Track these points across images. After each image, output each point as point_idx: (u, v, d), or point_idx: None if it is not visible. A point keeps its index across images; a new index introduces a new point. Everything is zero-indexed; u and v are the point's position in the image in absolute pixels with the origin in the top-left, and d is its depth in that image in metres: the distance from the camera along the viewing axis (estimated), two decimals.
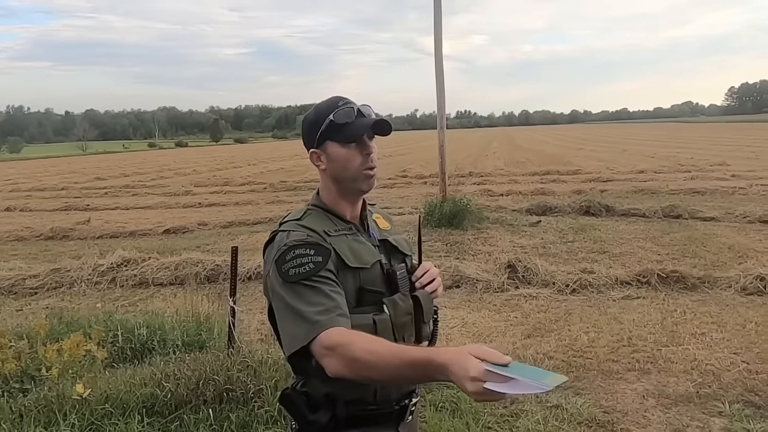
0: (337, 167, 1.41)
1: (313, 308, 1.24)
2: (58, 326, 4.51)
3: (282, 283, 1.29)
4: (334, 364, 1.19)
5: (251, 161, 35.80)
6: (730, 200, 11.69)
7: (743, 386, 3.71)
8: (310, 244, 1.31)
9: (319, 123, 1.41)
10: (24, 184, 23.81)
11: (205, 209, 14.43)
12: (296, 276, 1.27)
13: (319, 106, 1.45)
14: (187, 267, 7.01)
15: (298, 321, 1.25)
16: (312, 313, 1.23)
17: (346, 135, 1.39)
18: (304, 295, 1.26)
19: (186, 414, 3.18)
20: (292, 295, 1.27)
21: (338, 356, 1.19)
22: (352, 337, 1.20)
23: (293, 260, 1.28)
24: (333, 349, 1.20)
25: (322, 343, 1.21)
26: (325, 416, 1.32)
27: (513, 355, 4.32)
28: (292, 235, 1.34)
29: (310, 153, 1.45)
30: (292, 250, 1.29)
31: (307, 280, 1.27)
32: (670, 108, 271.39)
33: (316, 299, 1.25)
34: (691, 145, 33.71)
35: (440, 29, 10.04)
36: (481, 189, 15.05)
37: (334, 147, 1.41)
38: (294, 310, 1.26)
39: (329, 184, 1.45)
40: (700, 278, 5.96)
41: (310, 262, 1.28)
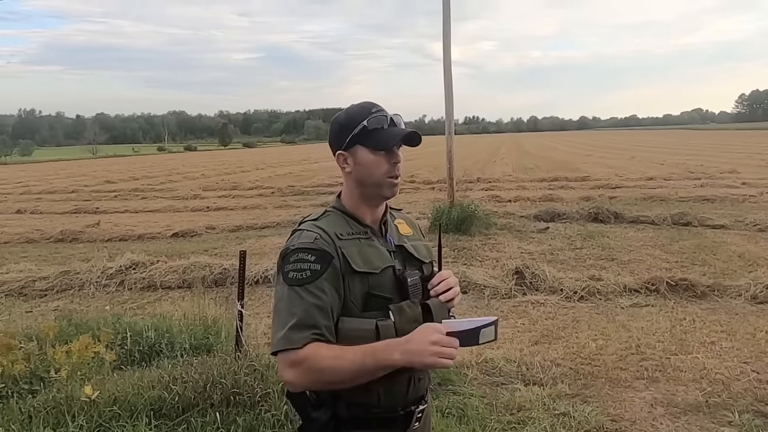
0: (363, 171, 1.44)
1: (291, 320, 1.29)
2: (67, 328, 4.53)
3: (281, 281, 1.36)
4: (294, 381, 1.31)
5: (260, 165, 35.93)
6: (741, 208, 11.61)
7: (753, 396, 3.68)
8: (312, 249, 1.34)
9: (351, 126, 1.42)
10: (35, 187, 24.00)
11: (213, 213, 14.50)
12: (292, 280, 1.33)
13: (351, 109, 1.47)
14: (195, 270, 7.04)
15: (278, 327, 1.32)
16: (288, 327, 1.29)
17: (377, 142, 1.42)
18: (292, 302, 1.32)
19: (193, 417, 3.18)
20: (283, 297, 1.34)
21: (300, 371, 1.29)
22: (318, 351, 1.28)
23: (294, 263, 1.34)
24: (296, 366, 1.29)
25: (287, 359, 1.29)
26: (326, 414, 1.36)
27: (521, 362, 4.31)
28: (303, 236, 1.38)
29: (337, 155, 1.46)
30: (296, 253, 1.34)
31: (299, 286, 1.32)
32: (680, 115, 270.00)
33: (297, 309, 1.30)
34: (701, 153, 33.52)
35: (449, 35, 10.06)
36: (489, 195, 15.02)
37: (363, 152, 1.43)
38: (279, 315, 1.33)
39: (352, 187, 1.47)
40: (710, 286, 5.92)
41: (307, 269, 1.32)
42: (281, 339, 1.29)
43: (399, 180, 1.47)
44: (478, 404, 3.58)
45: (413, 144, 1.45)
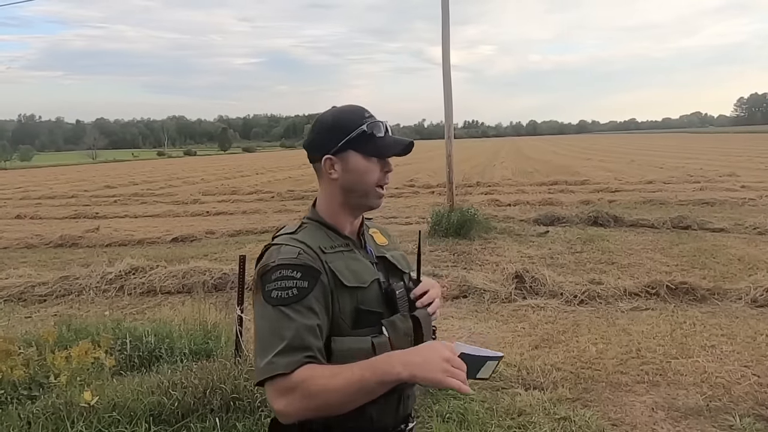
0: (352, 179, 1.34)
1: (278, 344, 1.16)
2: (66, 333, 4.53)
3: (262, 303, 1.22)
4: (285, 410, 1.15)
5: (259, 170, 35.97)
6: (740, 211, 11.62)
7: (754, 399, 3.67)
8: (297, 266, 1.23)
9: (346, 129, 1.33)
10: (34, 192, 24.03)
11: (213, 218, 14.50)
12: (277, 300, 1.20)
13: (340, 111, 1.38)
14: (194, 275, 7.04)
15: (263, 353, 1.18)
16: (274, 352, 1.16)
17: (377, 149, 1.34)
18: (278, 324, 1.19)
19: (193, 422, 3.18)
20: (266, 319, 1.21)
21: (294, 398, 1.14)
22: (311, 372, 1.16)
23: (277, 281, 1.21)
24: (288, 393, 1.15)
25: (276, 387, 1.16)
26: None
27: (521, 366, 4.30)
28: (283, 251, 1.26)
29: (325, 159, 1.34)
30: (278, 270, 1.22)
31: (286, 307, 1.19)
32: (679, 118, 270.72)
33: (284, 332, 1.18)
34: (701, 156, 33.57)
35: (448, 39, 10.09)
36: (488, 199, 15.03)
37: (356, 158, 1.34)
38: (263, 340, 1.20)
39: (335, 194, 1.37)
40: (710, 290, 5.92)
41: (294, 287, 1.21)
42: (267, 365, 1.16)
43: (385, 191, 1.40)
44: (478, 409, 3.57)
45: (404, 154, 1.37)
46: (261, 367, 1.17)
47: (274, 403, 1.16)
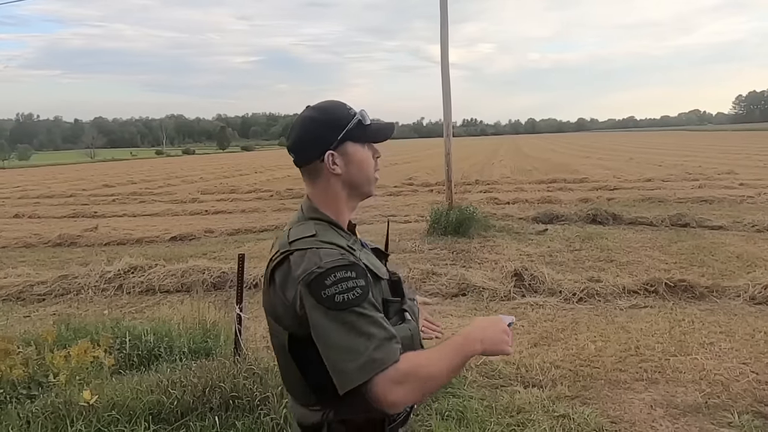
0: (355, 169, 1.34)
1: (369, 342, 1.16)
2: (65, 333, 4.53)
3: (324, 311, 1.17)
4: (401, 399, 1.17)
5: (258, 169, 35.93)
6: (739, 209, 11.62)
7: (752, 397, 3.68)
8: (348, 266, 1.20)
9: (342, 122, 1.32)
10: (32, 191, 23.99)
11: (211, 217, 14.48)
12: (344, 304, 1.16)
13: (328, 107, 1.36)
14: (193, 274, 7.03)
15: (352, 355, 1.15)
16: (371, 348, 1.16)
17: (373, 135, 1.36)
18: (356, 325, 1.17)
19: (192, 421, 3.18)
20: (340, 325, 1.17)
21: (410, 385, 1.17)
22: (415, 360, 1.20)
23: (336, 285, 1.17)
24: (404, 381, 1.16)
25: (390, 378, 1.15)
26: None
27: (520, 364, 4.31)
28: (324, 255, 1.21)
29: (327, 155, 1.31)
30: (332, 274, 1.18)
31: (358, 306, 1.17)
32: (678, 116, 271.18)
33: (369, 329, 1.17)
34: (699, 154, 33.60)
35: (447, 37, 10.08)
36: (487, 197, 15.03)
37: (354, 147, 1.34)
38: (347, 344, 1.16)
39: (337, 190, 1.35)
40: (709, 287, 5.92)
41: (356, 287, 1.18)
42: (369, 363, 1.14)
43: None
44: (477, 407, 3.57)
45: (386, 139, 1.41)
46: (361, 366, 1.15)
47: (390, 395, 1.15)
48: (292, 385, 1.35)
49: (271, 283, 1.28)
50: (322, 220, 1.33)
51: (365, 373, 1.15)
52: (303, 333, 1.22)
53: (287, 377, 1.35)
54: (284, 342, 1.28)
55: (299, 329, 1.23)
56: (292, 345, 1.27)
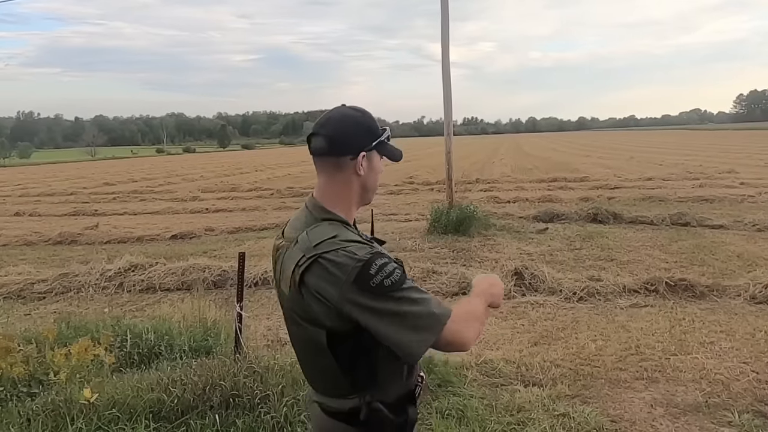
0: (371, 176, 1.45)
1: (426, 306, 1.28)
2: (66, 331, 4.53)
3: (379, 297, 1.25)
4: (471, 335, 1.33)
5: (258, 167, 35.96)
6: (739, 208, 11.62)
7: (753, 396, 3.68)
8: (381, 254, 1.30)
9: (377, 132, 1.43)
10: (33, 189, 24.00)
11: (212, 215, 14.50)
12: (394, 286, 1.26)
13: (367, 115, 1.45)
14: (194, 272, 7.04)
15: (419, 321, 1.27)
16: (430, 309, 1.28)
17: (390, 152, 1.48)
18: (411, 298, 1.27)
19: (192, 419, 3.18)
20: (398, 305, 1.26)
21: (473, 322, 1.35)
22: (462, 307, 1.37)
23: (380, 272, 1.25)
24: (467, 319, 1.34)
25: (456, 322, 1.30)
26: (413, 412, 1.43)
27: (520, 363, 4.31)
28: (356, 249, 1.29)
29: (361, 155, 1.39)
30: (372, 263, 1.26)
31: (404, 284, 1.28)
32: (678, 115, 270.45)
33: (421, 296, 1.29)
34: (700, 153, 33.58)
35: (447, 36, 10.08)
36: (487, 196, 15.04)
37: (376, 158, 1.45)
38: (408, 316, 1.26)
39: (355, 189, 1.43)
40: (709, 287, 5.92)
41: (395, 269, 1.28)
42: (435, 322, 1.28)
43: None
44: (477, 405, 3.57)
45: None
46: (430, 327, 1.27)
47: (462, 334, 1.31)
48: (323, 380, 1.42)
49: (302, 287, 1.31)
50: (334, 219, 1.39)
51: (434, 332, 1.28)
52: (344, 328, 1.30)
53: (317, 374, 1.44)
54: (320, 340, 1.33)
55: (340, 325, 1.30)
56: (331, 341, 1.32)
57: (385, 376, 1.36)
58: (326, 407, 1.43)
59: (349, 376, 1.35)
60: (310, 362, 1.43)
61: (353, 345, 1.31)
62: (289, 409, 3.24)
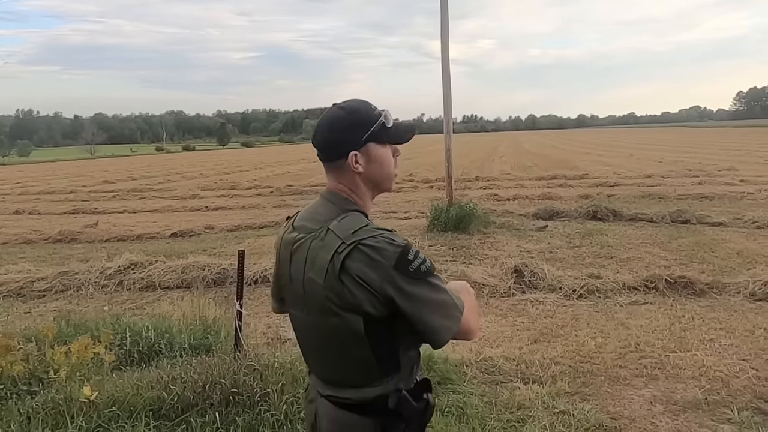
0: (376, 168, 1.45)
1: (450, 296, 1.37)
2: (65, 329, 4.53)
3: (418, 282, 1.32)
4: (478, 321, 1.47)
5: (258, 165, 35.93)
6: (739, 205, 11.62)
7: (752, 393, 3.68)
8: (411, 246, 1.36)
9: (367, 124, 1.41)
10: (33, 188, 23.97)
11: (212, 213, 14.49)
12: (427, 272, 1.34)
13: (354, 108, 1.44)
14: (193, 270, 7.04)
15: (448, 310, 1.35)
16: (453, 299, 1.37)
17: (394, 136, 1.46)
18: (439, 285, 1.36)
19: (192, 417, 3.18)
20: (433, 289, 1.34)
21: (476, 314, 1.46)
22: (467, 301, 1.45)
23: (416, 259, 1.33)
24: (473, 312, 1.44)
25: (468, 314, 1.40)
26: (431, 398, 1.45)
27: (520, 360, 4.31)
28: (393, 237, 1.35)
29: (351, 155, 1.41)
30: (410, 250, 1.33)
31: (434, 271, 1.36)
32: (678, 112, 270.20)
33: (443, 285, 1.37)
34: (700, 150, 33.56)
35: (447, 33, 10.06)
36: (487, 193, 15.04)
37: (376, 148, 1.43)
38: (442, 302, 1.35)
39: (361, 185, 1.45)
40: (709, 284, 5.93)
41: (426, 259, 1.35)
42: (458, 311, 1.37)
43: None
44: (477, 403, 3.58)
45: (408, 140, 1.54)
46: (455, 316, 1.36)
47: (472, 324, 1.42)
48: (346, 371, 1.42)
49: (343, 274, 1.33)
50: (358, 211, 1.43)
51: (458, 321, 1.36)
52: (383, 313, 1.33)
53: (343, 364, 1.42)
54: (357, 327, 1.35)
55: (381, 310, 1.33)
56: (368, 327, 1.35)
57: (406, 364, 1.41)
58: (342, 400, 1.43)
59: (380, 364, 1.38)
60: (340, 353, 1.41)
61: (387, 331, 1.36)
62: (289, 407, 3.25)
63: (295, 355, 3.92)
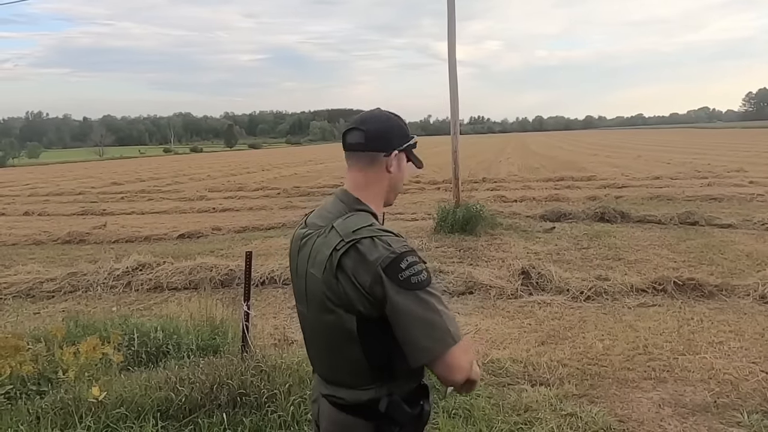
0: (399, 176, 1.51)
1: (442, 318, 1.29)
2: (74, 329, 4.56)
3: (403, 291, 1.29)
4: (468, 367, 1.32)
5: (265, 167, 36.01)
6: (748, 207, 11.53)
7: (762, 396, 3.65)
8: (413, 251, 1.33)
9: (407, 136, 1.50)
10: (42, 189, 24.14)
11: (219, 214, 14.54)
12: (419, 284, 1.29)
13: (400, 117, 1.52)
14: (201, 272, 7.06)
15: (432, 331, 1.28)
16: (446, 324, 1.29)
17: (415, 158, 1.55)
18: (430, 303, 1.29)
19: (200, 418, 3.19)
20: (418, 304, 1.29)
21: (471, 356, 1.34)
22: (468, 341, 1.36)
23: (410, 268, 1.29)
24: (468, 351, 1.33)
25: (462, 348, 1.31)
26: (428, 405, 1.43)
27: (527, 362, 4.29)
28: (392, 241, 1.33)
29: (394, 153, 1.47)
30: (405, 258, 1.30)
31: (429, 287, 1.31)
32: (686, 114, 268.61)
33: (441, 307, 1.31)
34: (708, 151, 33.35)
35: (454, 35, 10.05)
36: (494, 195, 15.00)
37: (404, 159, 1.52)
38: (426, 320, 1.28)
39: (384, 186, 1.49)
40: (718, 286, 5.89)
41: (423, 269, 1.31)
42: (446, 336, 1.29)
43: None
44: (484, 405, 3.57)
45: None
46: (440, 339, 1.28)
47: (463, 360, 1.31)
48: (342, 370, 1.42)
49: (339, 271, 1.34)
50: (366, 211, 1.44)
51: (445, 345, 1.28)
52: (374, 315, 1.32)
53: (338, 363, 1.43)
54: (350, 326, 1.35)
55: (371, 311, 1.32)
56: (361, 327, 1.35)
57: (401, 368, 1.37)
58: (338, 400, 1.44)
59: (372, 366, 1.37)
60: (334, 351, 1.42)
61: (380, 333, 1.33)
62: (296, 408, 3.25)
63: (302, 357, 3.93)
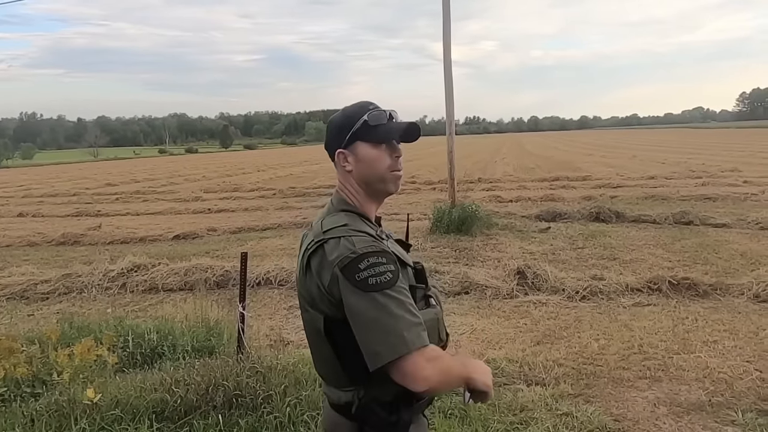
0: (364, 168, 1.42)
1: (399, 323, 1.24)
2: (69, 331, 4.54)
3: (359, 292, 1.25)
4: (431, 377, 1.25)
5: (260, 167, 35.96)
6: (742, 206, 11.58)
7: (756, 395, 3.67)
8: (379, 252, 1.29)
9: (350, 124, 1.42)
10: (36, 190, 24.05)
11: (214, 215, 14.51)
12: (377, 286, 1.25)
13: (347, 109, 1.46)
14: (196, 273, 7.05)
15: (384, 335, 1.24)
16: (400, 329, 1.24)
17: (379, 136, 1.41)
18: (387, 306, 1.25)
19: (195, 419, 3.19)
20: (373, 306, 1.25)
21: (438, 367, 1.27)
22: (439, 350, 1.32)
23: (370, 269, 1.26)
24: (433, 360, 1.26)
25: (424, 356, 1.25)
26: (407, 414, 1.38)
27: (523, 362, 4.30)
28: (356, 242, 1.30)
29: (337, 153, 1.45)
30: (365, 258, 1.26)
31: (389, 289, 1.26)
32: (681, 114, 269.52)
33: (399, 311, 1.25)
34: (703, 151, 33.49)
35: (449, 35, 10.07)
36: (490, 195, 15.01)
37: (364, 147, 1.42)
38: (379, 323, 1.24)
39: (356, 186, 1.45)
40: (712, 285, 5.91)
41: (387, 271, 1.27)
42: (399, 342, 1.23)
43: (402, 174, 1.47)
44: (480, 405, 3.57)
45: (413, 139, 1.47)
46: (392, 345, 1.23)
47: (423, 371, 1.24)
48: (324, 368, 1.44)
49: (308, 270, 1.36)
50: (351, 211, 1.43)
51: (395, 351, 1.23)
52: (338, 316, 1.31)
53: (320, 361, 1.44)
54: (320, 326, 1.35)
55: (334, 312, 1.31)
56: (328, 327, 1.34)
57: (378, 376, 1.29)
58: (330, 399, 1.46)
59: (345, 367, 1.35)
60: (314, 350, 1.45)
61: (348, 334, 1.29)
62: (292, 409, 3.25)
63: (298, 358, 3.93)
